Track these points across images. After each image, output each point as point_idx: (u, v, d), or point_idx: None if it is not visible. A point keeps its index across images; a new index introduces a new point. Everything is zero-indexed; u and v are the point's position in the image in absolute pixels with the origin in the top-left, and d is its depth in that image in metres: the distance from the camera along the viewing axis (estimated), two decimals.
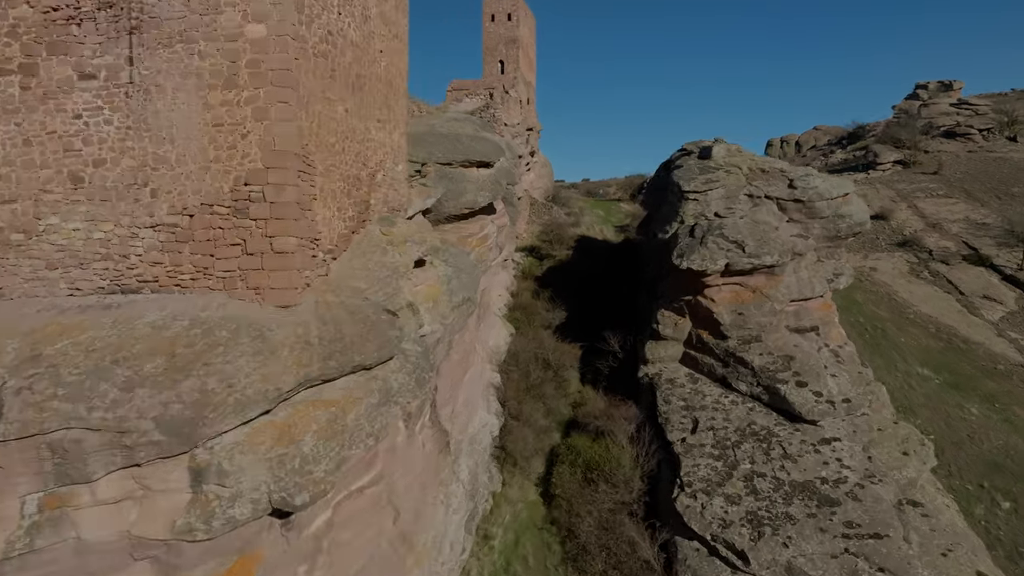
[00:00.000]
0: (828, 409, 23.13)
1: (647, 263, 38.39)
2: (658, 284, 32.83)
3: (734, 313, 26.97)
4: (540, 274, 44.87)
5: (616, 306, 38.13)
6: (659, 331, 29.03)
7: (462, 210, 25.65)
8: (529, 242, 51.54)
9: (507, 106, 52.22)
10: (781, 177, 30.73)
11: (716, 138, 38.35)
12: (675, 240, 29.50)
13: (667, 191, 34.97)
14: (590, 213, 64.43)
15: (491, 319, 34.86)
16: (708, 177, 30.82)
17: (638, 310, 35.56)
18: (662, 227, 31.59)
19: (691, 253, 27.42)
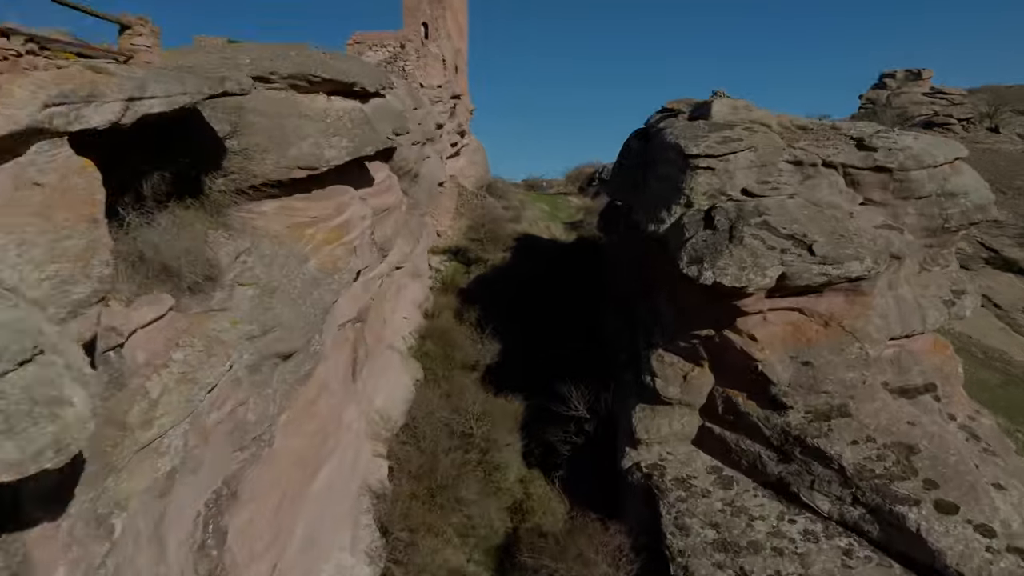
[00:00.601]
0: (1015, 567, 11.63)
1: (617, 271, 26.46)
2: (644, 304, 20.88)
3: (795, 362, 15.27)
4: (467, 284, 32.29)
5: (574, 332, 25.93)
6: (655, 387, 17.06)
7: (289, 170, 12.85)
8: (454, 242, 38.89)
9: (424, 62, 39.44)
10: (839, 136, 19.41)
11: (715, 91, 26.91)
12: (679, 234, 17.64)
13: (653, 164, 23.13)
14: (533, 207, 52.34)
15: (383, 359, 22.02)
16: (726, 135, 19.23)
17: (609, 342, 23.47)
18: (651, 215, 19.68)
19: (716, 257, 15.56)
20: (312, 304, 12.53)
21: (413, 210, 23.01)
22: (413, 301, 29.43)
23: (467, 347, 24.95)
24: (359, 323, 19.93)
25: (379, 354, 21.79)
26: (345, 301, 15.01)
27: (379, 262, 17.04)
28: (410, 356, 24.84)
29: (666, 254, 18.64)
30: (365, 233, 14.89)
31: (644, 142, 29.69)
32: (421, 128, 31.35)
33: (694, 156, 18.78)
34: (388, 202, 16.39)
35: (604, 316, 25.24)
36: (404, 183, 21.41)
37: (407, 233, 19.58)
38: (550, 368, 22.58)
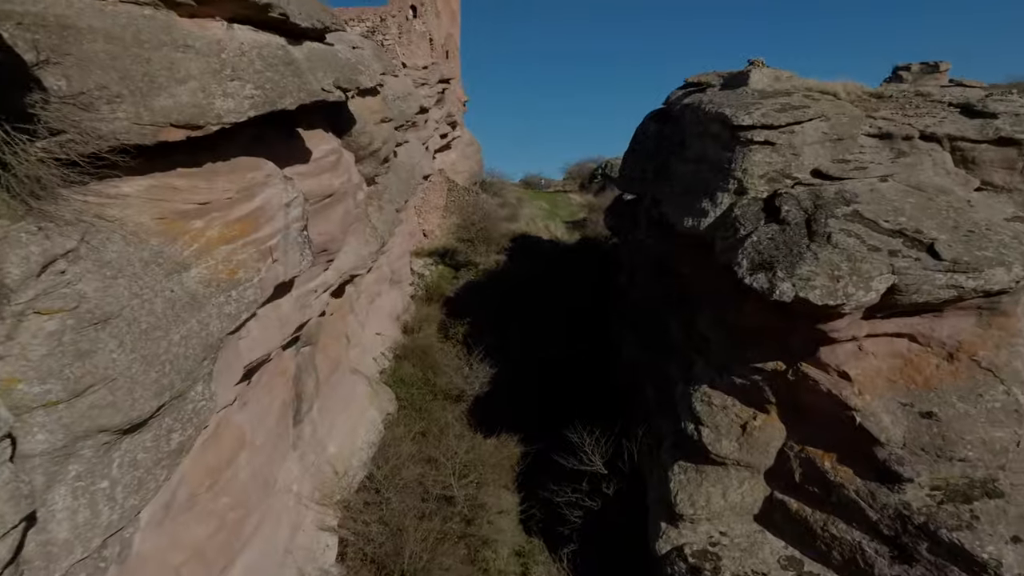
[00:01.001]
0: None
1: (635, 278, 21.83)
2: (676, 322, 16.22)
3: (910, 412, 10.63)
4: (455, 292, 27.61)
5: (583, 355, 21.29)
6: (700, 440, 12.41)
7: (157, 129, 8.29)
8: (442, 242, 34.26)
9: (408, 39, 34.80)
10: (932, 103, 14.84)
11: (750, 60, 22.37)
12: (729, 230, 13.07)
13: (680, 145, 18.50)
14: (531, 205, 47.76)
15: (344, 389, 17.37)
16: (784, 102, 14.66)
17: (628, 370, 18.79)
18: (684, 207, 15.02)
19: (794, 262, 10.93)
20: (185, 338, 7.86)
21: (379, 201, 18.33)
22: (390, 313, 24.78)
23: (452, 371, 20.25)
24: (307, 347, 15.32)
25: (338, 383, 17.15)
26: (261, 326, 10.33)
27: (321, 268, 12.35)
28: (381, 383, 20.16)
29: (710, 257, 14.03)
30: (292, 228, 10.23)
31: (663, 124, 25.16)
32: (399, 106, 26.71)
33: (745, 128, 14.17)
34: (332, 186, 11.72)
35: (619, 335, 20.57)
36: (368, 166, 16.74)
37: (369, 231, 14.93)
38: (554, 401, 17.93)
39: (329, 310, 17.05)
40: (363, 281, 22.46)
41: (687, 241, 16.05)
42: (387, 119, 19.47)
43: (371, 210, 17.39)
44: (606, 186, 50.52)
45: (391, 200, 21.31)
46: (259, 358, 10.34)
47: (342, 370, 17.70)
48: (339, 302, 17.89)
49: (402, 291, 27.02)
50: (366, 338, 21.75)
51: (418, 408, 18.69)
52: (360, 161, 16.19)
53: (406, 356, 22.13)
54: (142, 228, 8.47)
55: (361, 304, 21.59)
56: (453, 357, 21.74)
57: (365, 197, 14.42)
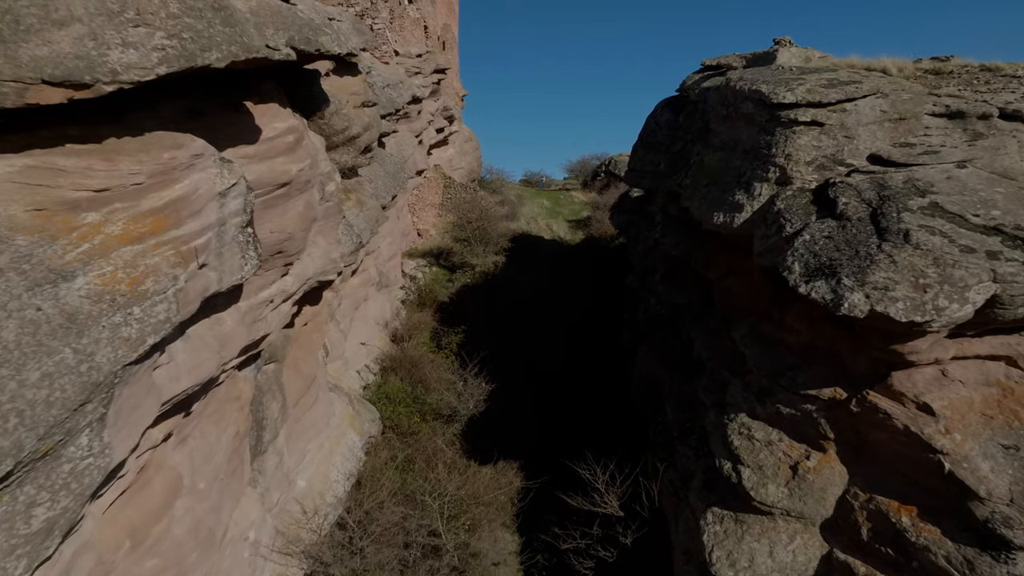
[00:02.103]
0: None
1: (649, 282, 19.57)
2: (703, 336, 13.95)
3: (1015, 457, 8.36)
4: (449, 296, 25.34)
5: (590, 369, 19.04)
6: (740, 482, 10.14)
7: (23, 89, 6.16)
8: (437, 242, 32.00)
9: (400, 24, 32.55)
10: (1004, 78, 12.60)
11: (776, 39, 20.17)
12: (772, 227, 10.82)
13: (703, 132, 16.24)
14: (531, 203, 45.54)
15: (318, 411, 15.14)
16: (831, 77, 12.44)
17: (644, 390, 16.50)
18: (712, 201, 12.74)
19: (864, 266, 8.67)
20: (49, 376, 5.61)
21: (360, 195, 16.06)
22: (377, 320, 22.55)
23: (443, 387, 17.99)
24: (271, 364, 13.13)
25: (311, 404, 14.92)
26: (190, 349, 8.07)
27: (277, 273, 10.09)
28: (364, 400, 17.91)
29: (745, 259, 11.80)
30: (231, 224, 7.99)
31: (677, 112, 22.93)
32: (388, 94, 24.48)
33: (787, 106, 11.91)
34: (289, 172, 9.45)
35: (632, 346, 18.31)
36: (344, 155, 14.49)
37: (343, 229, 12.66)
38: (558, 422, 15.69)
39: (302, 319, 14.86)
40: (347, 285, 20.28)
41: (715, 240, 13.81)
42: (370, 103, 17.23)
43: (349, 205, 15.14)
44: (610, 183, 48.30)
45: (376, 195, 19.06)
46: (188, 389, 8.08)
47: (317, 388, 15.47)
48: (315, 310, 15.69)
49: (391, 296, 24.78)
50: (349, 349, 19.54)
51: (405, 430, 16.44)
52: (334, 148, 13.94)
53: (394, 368, 19.88)
54: (9, 222, 6.23)
55: (344, 311, 19.38)
56: (445, 370, 19.49)
57: (339, 189, 12.17)
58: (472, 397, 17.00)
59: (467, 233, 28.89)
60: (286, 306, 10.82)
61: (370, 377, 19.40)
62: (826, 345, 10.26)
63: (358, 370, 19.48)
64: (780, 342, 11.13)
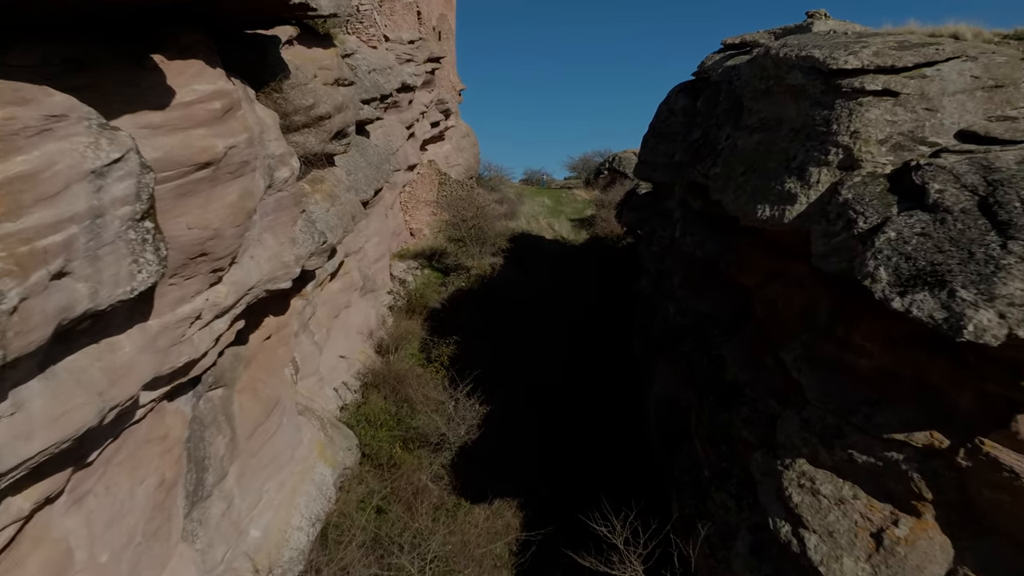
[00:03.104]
0: None
1: (665, 289, 17.25)
2: (738, 355, 11.61)
3: None
4: (441, 303, 23.01)
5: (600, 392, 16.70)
6: (804, 552, 7.78)
7: None
8: (430, 242, 29.68)
9: (392, 8, 30.22)
10: None
11: (809, 12, 17.86)
12: (837, 220, 8.48)
13: (731, 113, 13.93)
14: (532, 201, 43.21)
15: (281, 441, 12.80)
16: (901, 40, 10.18)
17: (664, 421, 14.12)
18: (753, 192, 10.44)
19: (997, 277, 6.37)
20: None
21: (332, 187, 13.70)
22: (360, 329, 20.22)
23: (432, 408, 15.65)
24: (218, 390, 10.87)
25: (272, 433, 12.61)
26: (51, 394, 5.72)
27: (203, 282, 7.74)
28: (340, 424, 15.57)
29: (797, 261, 9.50)
30: (113, 215, 5.68)
31: (695, 98, 20.73)
32: (374, 78, 22.19)
33: (850, 73, 9.60)
34: (214, 150, 7.11)
35: (647, 361, 15.95)
36: (309, 138, 12.16)
37: (302, 226, 10.26)
38: (564, 453, 13.38)
39: (261, 333, 12.58)
40: (325, 291, 18.00)
41: (754, 239, 11.48)
42: (345, 81, 14.90)
43: (317, 198, 12.81)
44: (615, 180, 45.94)
45: (355, 188, 16.75)
46: (49, 450, 5.73)
47: (281, 413, 13.15)
48: (280, 321, 13.40)
49: (377, 302, 22.45)
50: (325, 364, 17.20)
51: (385, 462, 14.11)
52: (296, 130, 11.63)
53: (377, 385, 17.54)
54: None
55: (320, 320, 17.07)
56: (435, 388, 17.16)
57: (296, 178, 9.85)
58: (464, 421, 14.66)
59: (462, 232, 26.54)
60: (221, 323, 8.48)
61: (349, 396, 17.06)
62: (912, 374, 7.93)
63: (335, 387, 17.15)
64: (846, 366, 8.81)
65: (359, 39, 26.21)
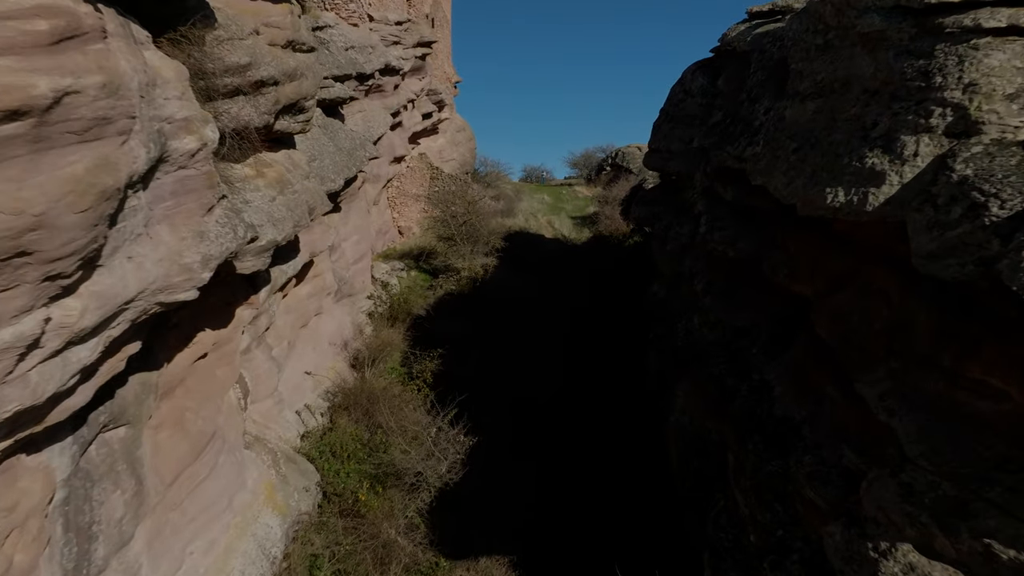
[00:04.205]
0: None
1: (681, 296, 14.71)
2: (787, 384, 9.06)
3: None
4: (426, 309, 20.46)
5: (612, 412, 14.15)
6: None
7: None
8: (419, 241, 27.17)
9: None
10: None
11: None
12: (953, 205, 5.97)
13: (769, 82, 11.43)
14: (530, 198, 40.69)
15: (215, 487, 10.24)
16: None
17: (683, 445, 11.57)
18: (818, 175, 7.97)
19: None
20: None
21: (288, 171, 11.15)
22: (333, 339, 17.70)
23: (408, 440, 13.10)
24: (116, 429, 8.36)
25: (203, 478, 10.12)
26: None
27: (37, 297, 5.22)
28: (299, 455, 13.01)
29: (881, 264, 6.94)
30: None
31: (715, 75, 18.34)
32: (351, 56, 19.67)
33: (957, 8, 7.07)
34: (30, 92, 4.62)
35: (665, 382, 13.36)
36: (248, 107, 9.62)
37: (220, 216, 7.68)
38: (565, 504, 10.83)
39: (193, 351, 10.13)
40: (291, 297, 15.53)
41: (811, 234, 8.95)
42: (303, 46, 12.35)
43: (260, 184, 10.27)
44: (618, 176, 43.42)
45: (319, 176, 14.23)
46: None
47: (218, 450, 10.63)
48: (220, 335, 10.93)
49: (355, 308, 19.91)
50: (287, 382, 14.67)
51: (351, 504, 11.57)
52: (225, 95, 9.09)
53: (348, 407, 15.01)
54: None
55: (281, 331, 14.58)
56: (415, 409, 14.64)
57: (209, 154, 7.32)
58: (445, 457, 12.11)
59: (452, 231, 23.99)
60: (82, 352, 5.93)
61: (313, 421, 14.51)
62: None
63: (298, 411, 14.61)
64: (961, 411, 6.29)
65: (338, 15, 23.72)
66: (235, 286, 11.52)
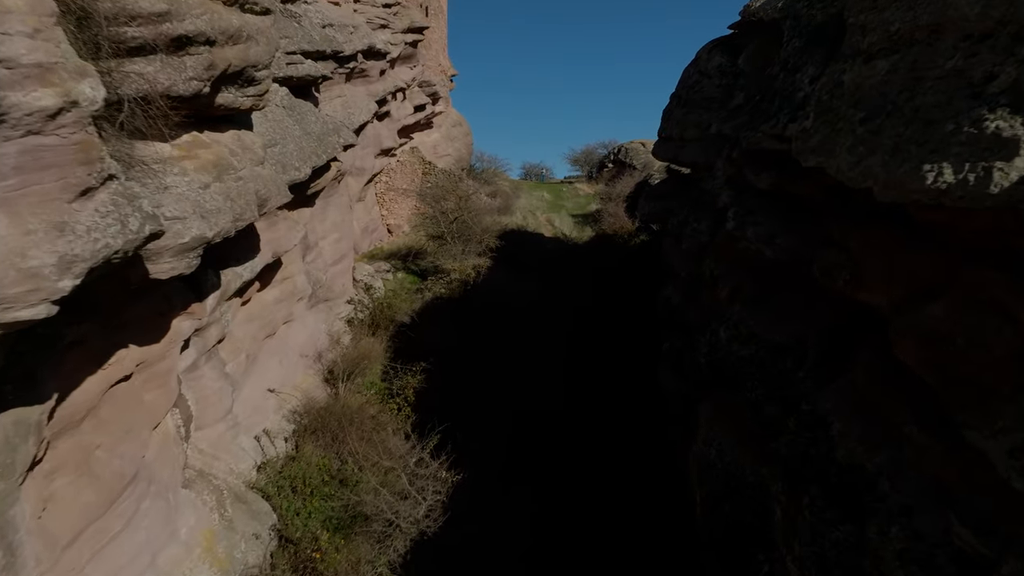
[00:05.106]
0: None
1: (700, 303, 12.67)
2: (850, 412, 7.05)
3: None
4: (411, 315, 18.41)
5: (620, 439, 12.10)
6: None
7: None
8: (409, 240, 25.15)
9: None
10: None
11: None
12: None
13: (816, 47, 9.45)
14: (529, 195, 38.67)
15: (136, 540, 8.20)
16: None
17: (710, 485, 9.53)
18: (906, 146, 6.02)
19: None
20: None
21: (220, 154, 9.15)
22: (305, 351, 15.71)
23: (384, 471, 11.08)
24: None
25: (114, 533, 8.12)
26: None
27: None
28: (250, 495, 10.98)
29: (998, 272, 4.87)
30: None
31: (734, 55, 16.46)
32: (327, 34, 17.64)
33: None
34: None
35: (688, 405, 11.30)
36: (168, 70, 7.62)
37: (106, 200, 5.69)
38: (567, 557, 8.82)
39: (112, 372, 8.17)
40: (255, 302, 13.58)
41: (890, 226, 6.92)
42: (256, 6, 10.30)
43: (188, 167, 8.27)
44: (621, 173, 41.41)
45: (281, 162, 12.23)
46: None
47: (140, 496, 8.64)
48: (151, 351, 9.01)
49: (332, 314, 17.90)
50: (244, 403, 12.64)
51: (308, 559, 9.54)
52: (128, 53, 7.08)
53: (316, 430, 13.00)
54: None
55: (239, 342, 12.62)
56: (394, 432, 12.64)
57: (83, 119, 5.32)
58: (425, 496, 10.07)
59: (442, 229, 21.95)
60: None
61: (274, 448, 12.49)
62: None
63: (256, 436, 12.57)
64: None
65: None
66: (170, 293, 9.50)
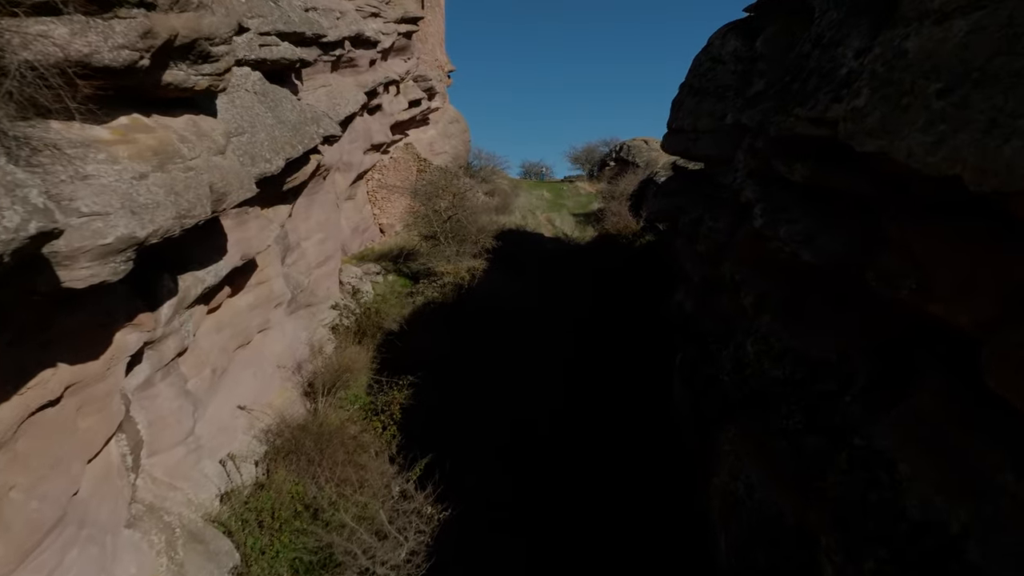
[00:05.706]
0: None
1: (713, 305, 11.32)
2: (906, 445, 5.73)
3: None
4: (400, 322, 17.08)
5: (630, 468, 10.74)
6: None
7: None
8: (400, 240, 23.81)
9: None
10: None
11: None
12: None
13: (853, 19, 8.14)
14: (528, 194, 37.32)
15: None
16: None
17: (736, 518, 8.20)
18: (1012, 118, 4.75)
19: None
20: None
21: (166, 140, 7.85)
22: (282, 361, 14.37)
23: (363, 500, 9.74)
24: None
25: None
26: None
27: None
28: (208, 531, 9.62)
29: None
30: None
31: (751, 38, 15.19)
32: (309, 17, 16.29)
33: None
34: None
35: (708, 434, 9.95)
36: (90, 33, 6.32)
37: None
38: None
39: (39, 394, 6.89)
40: (225, 308, 12.31)
41: (970, 225, 5.59)
42: None
43: (121, 154, 6.96)
44: (623, 171, 40.12)
45: (249, 153, 10.90)
46: None
47: (68, 541, 7.32)
48: (88, 370, 7.75)
49: (314, 320, 16.57)
50: (210, 423, 11.32)
51: None
52: (25, 11, 5.73)
53: (291, 452, 11.66)
54: None
55: (204, 354, 11.31)
56: (376, 455, 11.32)
57: None
58: (407, 538, 8.71)
59: (435, 228, 20.60)
60: None
61: (240, 475, 11.14)
62: None
63: (222, 460, 11.24)
64: None
65: None
66: (112, 301, 8.17)
